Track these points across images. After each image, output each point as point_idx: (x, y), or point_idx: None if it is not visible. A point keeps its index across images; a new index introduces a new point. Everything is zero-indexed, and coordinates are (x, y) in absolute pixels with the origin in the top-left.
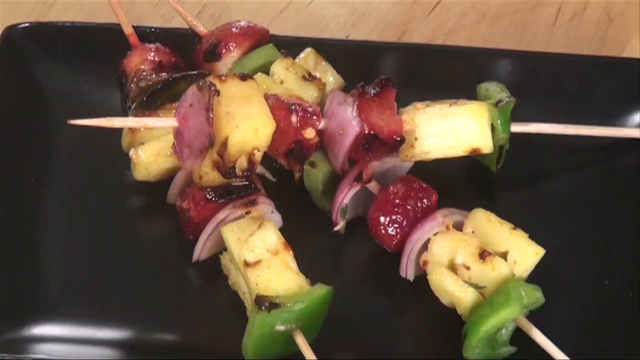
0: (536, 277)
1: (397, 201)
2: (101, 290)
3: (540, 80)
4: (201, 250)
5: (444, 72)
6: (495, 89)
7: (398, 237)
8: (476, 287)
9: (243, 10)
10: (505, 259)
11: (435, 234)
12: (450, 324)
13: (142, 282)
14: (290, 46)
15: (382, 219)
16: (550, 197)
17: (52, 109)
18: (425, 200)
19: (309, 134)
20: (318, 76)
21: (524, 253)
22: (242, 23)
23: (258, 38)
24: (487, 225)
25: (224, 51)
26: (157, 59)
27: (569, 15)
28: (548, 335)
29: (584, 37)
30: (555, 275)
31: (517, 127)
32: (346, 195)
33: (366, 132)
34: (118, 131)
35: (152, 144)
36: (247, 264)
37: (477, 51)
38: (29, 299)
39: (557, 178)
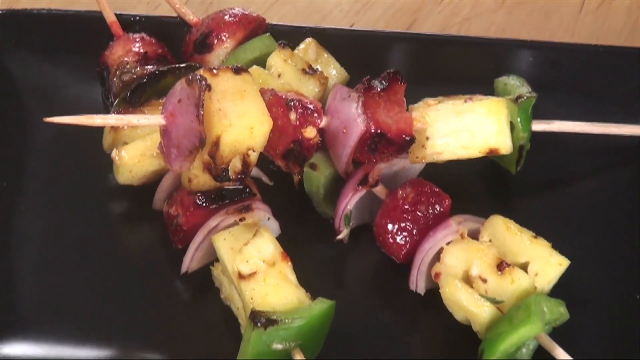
0: (560, 290)
1: (407, 207)
2: (81, 305)
3: (564, 73)
4: (190, 261)
5: (458, 65)
6: (514, 84)
7: (407, 246)
8: (493, 301)
9: None
10: (526, 271)
11: (448, 243)
12: (464, 342)
13: (125, 296)
14: (288, 36)
15: (389, 226)
16: (575, 202)
17: (26, 106)
18: (437, 206)
19: (309, 132)
20: (319, 69)
21: (547, 264)
22: (236, 10)
23: (253, 27)
24: (505, 233)
25: (215, 41)
26: (142, 50)
27: (596, 1)
28: (573, 355)
29: (613, 26)
30: (581, 288)
31: (538, 126)
32: (350, 201)
33: (372, 130)
34: (99, 130)
35: (137, 144)
36: (241, 276)
37: (495, 42)
38: (0, 316)
39: (582, 181)
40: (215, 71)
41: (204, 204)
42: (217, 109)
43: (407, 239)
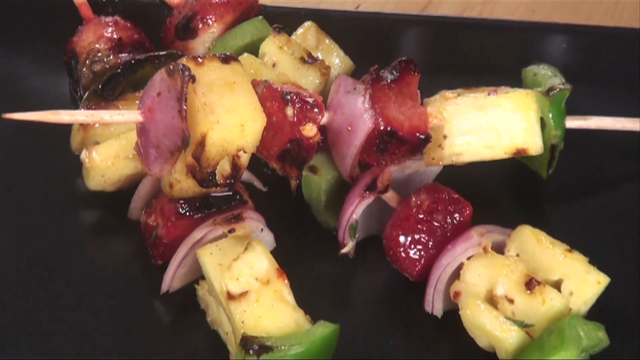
0: (598, 312)
1: (421, 216)
2: (46, 329)
3: (603, 62)
4: (172, 279)
5: (481, 52)
6: (545, 74)
7: (422, 261)
8: (522, 325)
9: None
10: (559, 290)
11: (469, 258)
12: None
13: (98, 319)
14: (285, 19)
15: (402, 238)
16: (615, 210)
17: None
18: (456, 215)
19: (309, 130)
20: (320, 57)
21: (583, 282)
22: None
23: (244, 9)
24: (535, 246)
25: (200, 26)
26: (115, 35)
27: None
28: None
29: None
30: (623, 309)
31: (573, 122)
32: (356, 209)
33: (381, 128)
34: (66, 128)
35: (110, 144)
36: (230, 296)
37: (523, 25)
38: None
39: (624, 186)
40: (200, 60)
41: (187, 213)
42: (202, 103)
43: (422, 253)
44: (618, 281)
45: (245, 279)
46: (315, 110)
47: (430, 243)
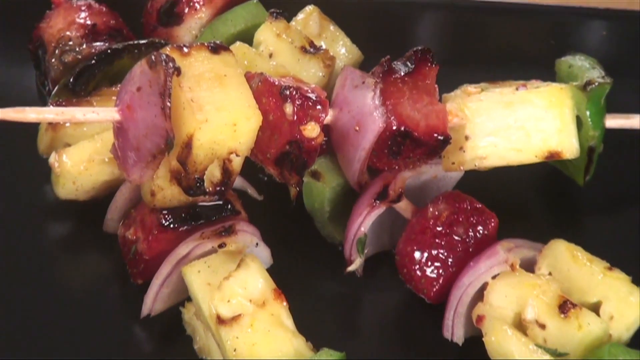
0: None
1: (440, 229)
2: (11, 357)
3: None
4: (154, 301)
5: (508, 41)
6: (582, 65)
7: (440, 281)
8: (555, 353)
9: None
10: (598, 313)
11: (494, 277)
12: None
13: (69, 347)
14: (283, 3)
15: (417, 254)
16: None
17: None
18: (480, 228)
19: (311, 131)
20: (324, 46)
21: (625, 304)
22: None
23: None
24: (570, 263)
25: (187, 10)
26: (89, 21)
27: None
28: None
29: None
30: None
31: (614, 121)
32: (365, 220)
33: (394, 128)
34: (33, 128)
35: (82, 146)
36: (220, 321)
37: (557, 9)
38: None
39: None
40: (186, 50)
41: (171, 226)
42: (188, 99)
43: (440, 271)
44: None
45: (237, 301)
46: (318, 107)
47: (450, 260)
